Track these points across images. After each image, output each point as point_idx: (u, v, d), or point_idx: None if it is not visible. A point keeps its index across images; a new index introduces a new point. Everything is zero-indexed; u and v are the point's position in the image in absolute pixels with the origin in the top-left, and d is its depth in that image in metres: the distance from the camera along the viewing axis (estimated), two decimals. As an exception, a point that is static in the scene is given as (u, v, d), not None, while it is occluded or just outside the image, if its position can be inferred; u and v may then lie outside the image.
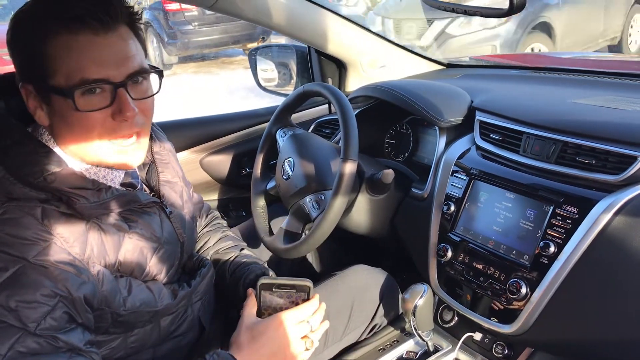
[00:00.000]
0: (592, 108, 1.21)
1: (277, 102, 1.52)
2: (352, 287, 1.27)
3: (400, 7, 5.47)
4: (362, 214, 1.32)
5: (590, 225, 0.97)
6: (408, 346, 1.25)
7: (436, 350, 1.22)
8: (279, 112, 1.44)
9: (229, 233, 1.26)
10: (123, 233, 0.86)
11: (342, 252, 1.59)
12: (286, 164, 1.33)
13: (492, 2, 1.18)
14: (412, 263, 1.33)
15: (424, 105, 1.33)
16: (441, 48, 4.98)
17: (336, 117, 1.25)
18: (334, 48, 1.72)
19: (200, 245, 1.21)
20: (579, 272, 0.97)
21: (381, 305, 1.28)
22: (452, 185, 1.23)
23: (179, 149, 1.67)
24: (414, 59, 1.87)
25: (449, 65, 1.91)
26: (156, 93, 0.87)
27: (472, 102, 1.35)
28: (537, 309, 1.02)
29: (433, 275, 1.23)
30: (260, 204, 1.42)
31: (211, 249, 1.20)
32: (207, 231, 1.24)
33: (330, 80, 1.84)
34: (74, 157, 0.85)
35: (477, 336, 1.20)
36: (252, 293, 1.00)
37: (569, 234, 0.99)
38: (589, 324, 0.99)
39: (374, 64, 1.79)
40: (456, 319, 1.26)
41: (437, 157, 1.31)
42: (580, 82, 1.51)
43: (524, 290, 1.03)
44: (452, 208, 1.21)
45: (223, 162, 1.75)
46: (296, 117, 1.64)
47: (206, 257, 1.09)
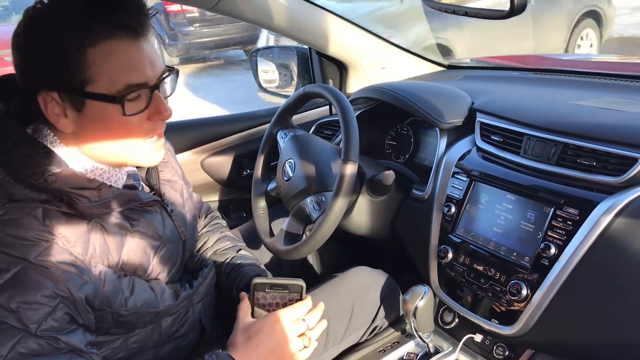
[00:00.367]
0: (593, 110, 1.21)
1: (278, 103, 1.52)
2: (352, 288, 1.27)
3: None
4: (362, 215, 1.32)
5: (591, 227, 0.97)
6: (409, 348, 1.25)
7: (437, 351, 1.22)
8: (280, 114, 1.44)
9: (227, 233, 1.26)
10: (125, 232, 0.87)
11: (342, 253, 1.59)
12: (287, 165, 1.33)
13: (493, 3, 1.18)
14: (413, 264, 1.33)
15: (425, 107, 1.33)
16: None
17: (337, 118, 1.25)
18: (334, 49, 1.73)
19: (200, 246, 1.21)
20: (580, 274, 0.97)
21: (382, 307, 1.28)
22: (452, 186, 1.23)
23: (180, 150, 1.67)
24: (414, 61, 1.87)
25: (450, 67, 1.92)
26: (173, 92, 0.90)
27: (473, 103, 1.35)
28: (538, 310, 1.02)
29: (434, 276, 1.23)
30: (261, 205, 1.42)
31: (209, 250, 1.20)
32: (206, 231, 1.25)
33: (331, 81, 1.84)
34: (95, 159, 0.86)
35: (478, 338, 1.20)
36: (246, 296, 1.00)
37: (570, 235, 0.99)
38: (590, 326, 0.99)
39: (375, 65, 1.80)
40: (457, 320, 1.26)
41: (438, 159, 1.31)
42: (581, 83, 1.51)
43: (524, 292, 1.03)
44: (453, 209, 1.21)
45: (224, 163, 1.75)
46: (297, 118, 1.64)
47: (207, 258, 1.09)
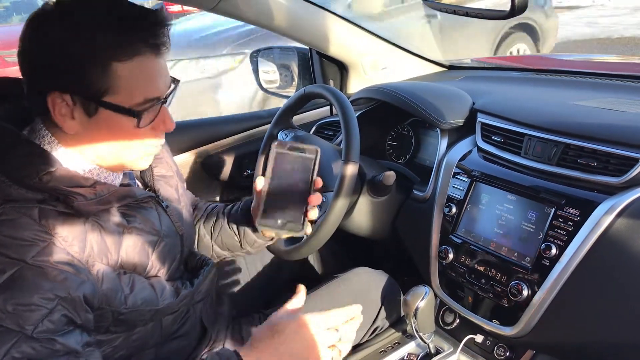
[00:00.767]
0: (594, 110, 1.21)
1: (279, 103, 1.52)
2: (353, 289, 1.27)
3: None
4: (363, 215, 1.32)
5: (592, 227, 0.96)
6: (409, 348, 1.25)
7: (437, 352, 1.22)
8: (281, 114, 1.44)
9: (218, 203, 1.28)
10: (122, 229, 0.87)
11: (343, 254, 1.59)
12: (288, 166, 1.32)
13: (494, 4, 1.18)
14: (414, 265, 1.33)
15: (426, 107, 1.33)
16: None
17: (338, 119, 1.25)
18: (335, 50, 1.73)
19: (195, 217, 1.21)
20: (581, 275, 0.97)
21: (383, 308, 1.28)
22: (453, 187, 1.23)
23: (181, 151, 1.67)
24: (415, 61, 1.87)
25: (451, 67, 1.91)
26: (170, 102, 0.91)
27: (474, 104, 1.35)
28: (539, 311, 1.02)
29: (434, 277, 1.23)
30: (261, 206, 1.42)
31: (202, 217, 1.21)
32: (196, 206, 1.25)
33: (331, 82, 1.84)
34: (90, 160, 0.86)
35: (479, 338, 1.20)
36: (301, 290, 0.97)
37: (571, 236, 0.99)
38: (591, 327, 0.99)
39: (376, 65, 1.79)
40: (457, 321, 1.26)
41: (439, 159, 1.31)
42: (582, 84, 1.51)
43: (525, 293, 1.03)
44: (454, 210, 1.21)
45: (225, 164, 1.75)
46: (298, 119, 1.64)
47: (208, 257, 1.09)
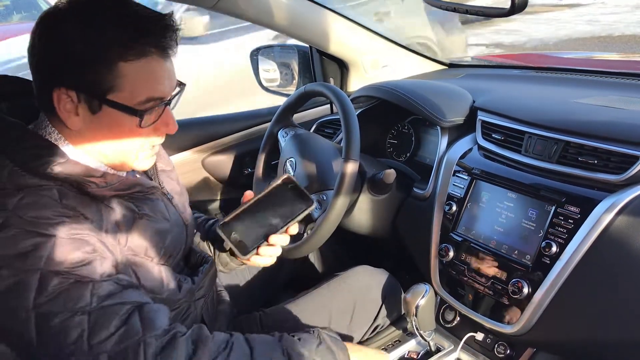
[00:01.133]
0: (595, 108, 1.20)
1: (279, 102, 1.52)
2: (354, 287, 1.27)
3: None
4: (363, 214, 1.32)
5: (592, 225, 0.96)
6: (410, 346, 1.25)
7: (438, 350, 1.22)
8: (281, 112, 1.44)
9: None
10: (134, 215, 0.90)
11: (344, 252, 1.59)
12: (288, 164, 1.33)
13: (494, 1, 1.17)
14: (414, 263, 1.33)
15: (426, 105, 1.33)
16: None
17: (338, 117, 1.25)
18: (335, 48, 1.72)
19: None
20: (581, 272, 0.97)
21: (383, 306, 1.28)
22: (453, 185, 1.23)
23: (181, 149, 1.68)
24: (415, 59, 1.87)
25: (451, 65, 1.91)
26: (174, 106, 0.92)
27: (474, 102, 1.35)
28: (539, 309, 1.02)
29: (435, 275, 1.23)
30: (262, 204, 1.42)
31: None
32: None
33: (332, 80, 1.84)
34: (94, 157, 0.88)
35: (479, 336, 1.20)
36: None
37: (571, 233, 0.99)
38: (591, 324, 0.99)
39: (376, 64, 1.79)
40: (458, 319, 1.26)
41: (439, 157, 1.31)
42: (582, 82, 1.51)
43: (525, 290, 1.03)
44: (454, 208, 1.21)
45: (225, 162, 1.75)
46: (298, 117, 1.64)
47: (208, 254, 1.09)
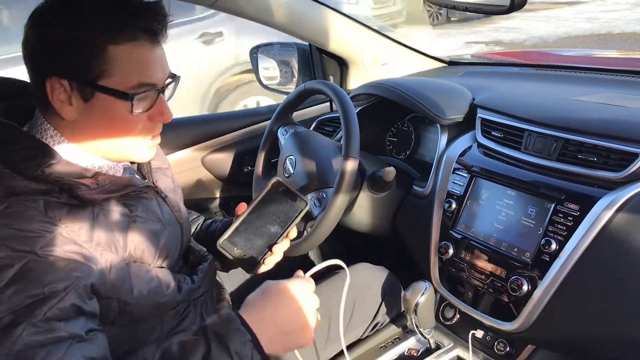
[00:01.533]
0: (594, 105, 1.20)
1: (279, 100, 1.52)
2: (354, 285, 1.27)
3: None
4: (363, 211, 1.32)
5: (592, 222, 0.97)
6: (410, 344, 1.25)
7: (438, 347, 1.22)
8: (281, 110, 1.44)
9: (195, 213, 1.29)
10: (127, 218, 0.88)
11: (343, 250, 1.59)
12: (288, 162, 1.33)
13: (493, -1, 1.17)
14: (414, 261, 1.33)
15: (426, 103, 1.33)
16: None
17: (338, 115, 1.25)
18: (335, 46, 1.72)
19: None
20: (581, 270, 0.97)
21: (383, 303, 1.28)
22: (453, 182, 1.23)
23: (181, 147, 1.68)
24: (415, 57, 1.87)
25: (451, 63, 1.91)
26: (171, 97, 0.92)
27: (474, 99, 1.35)
28: (539, 306, 1.02)
29: (434, 272, 1.23)
30: (262, 202, 1.42)
31: None
32: None
33: (331, 78, 1.84)
34: (92, 152, 0.88)
35: (479, 334, 1.20)
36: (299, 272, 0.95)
37: (571, 231, 0.99)
38: (591, 322, 0.99)
39: (376, 61, 1.79)
40: (458, 316, 1.26)
41: (439, 155, 1.31)
42: (582, 79, 1.51)
43: (525, 288, 1.03)
44: (454, 206, 1.21)
45: (225, 160, 1.75)
46: (298, 115, 1.64)
47: (207, 253, 1.09)
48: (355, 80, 1.79)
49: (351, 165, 1.15)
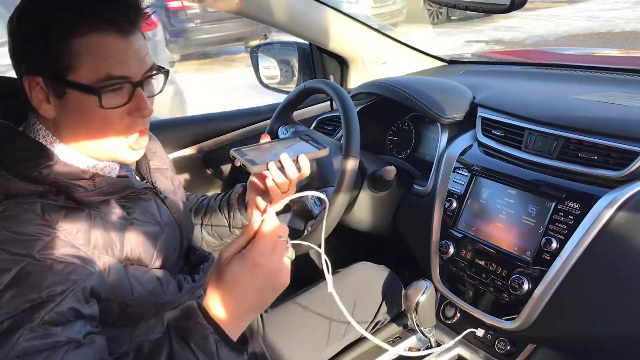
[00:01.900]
0: (595, 104, 1.20)
1: (279, 99, 1.52)
2: (354, 284, 1.28)
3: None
4: (364, 210, 1.32)
5: (593, 221, 0.97)
6: (410, 342, 1.25)
7: (438, 346, 1.22)
8: (281, 109, 1.44)
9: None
10: (124, 221, 0.87)
11: (344, 249, 1.60)
12: (288, 161, 1.32)
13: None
14: (415, 260, 1.33)
15: (426, 102, 1.33)
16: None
17: (338, 114, 1.25)
18: (335, 45, 1.72)
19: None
20: (581, 268, 0.98)
21: (384, 302, 1.28)
22: (454, 181, 1.23)
23: (182, 146, 1.68)
24: (415, 56, 1.87)
25: (451, 62, 1.91)
26: (160, 92, 0.89)
27: (474, 98, 1.35)
28: (539, 304, 1.02)
29: (435, 271, 1.23)
30: (262, 201, 1.42)
31: (193, 207, 1.22)
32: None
33: (332, 77, 1.84)
34: (80, 151, 0.86)
35: (480, 332, 1.21)
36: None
37: (571, 229, 0.99)
38: (591, 320, 0.99)
39: (376, 60, 1.79)
40: (458, 315, 1.26)
41: (439, 154, 1.31)
42: (582, 78, 1.51)
43: (526, 286, 1.03)
44: (454, 204, 1.21)
45: (226, 159, 1.75)
46: (298, 114, 1.64)
47: (208, 252, 1.09)
48: (356, 79, 1.79)
49: (351, 164, 1.15)
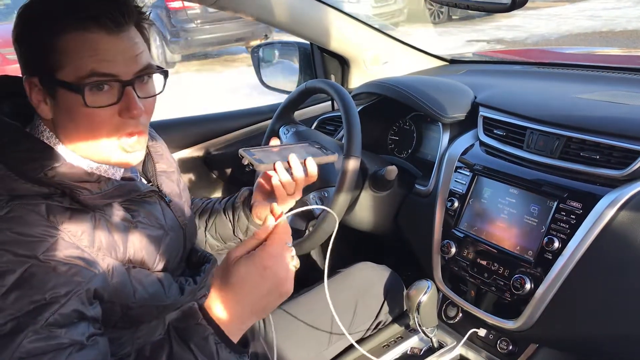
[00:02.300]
0: (596, 103, 1.20)
1: (280, 99, 1.52)
2: (356, 284, 1.28)
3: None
4: (365, 210, 1.32)
5: (595, 220, 0.96)
6: (412, 342, 1.25)
7: (440, 346, 1.22)
8: (282, 109, 1.44)
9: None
10: (128, 223, 0.87)
11: (346, 249, 1.59)
12: (289, 161, 1.32)
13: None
14: (416, 259, 1.33)
15: (427, 102, 1.33)
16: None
17: (339, 114, 1.25)
18: (336, 45, 1.72)
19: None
20: (583, 268, 0.97)
21: (385, 302, 1.28)
22: (455, 181, 1.23)
23: (183, 147, 1.68)
24: (416, 55, 1.87)
25: (452, 61, 1.91)
26: (160, 93, 0.88)
27: (476, 97, 1.35)
28: (541, 304, 1.02)
29: (437, 271, 1.23)
30: (263, 201, 1.42)
31: (198, 211, 1.22)
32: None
33: (333, 77, 1.84)
34: (79, 154, 0.86)
35: (482, 332, 1.20)
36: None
37: (573, 229, 0.99)
38: (593, 320, 0.99)
39: (377, 60, 1.79)
40: (460, 315, 1.26)
41: (441, 153, 1.31)
42: (584, 77, 1.51)
43: (528, 286, 1.03)
44: (456, 204, 1.20)
45: (227, 160, 1.75)
46: (299, 114, 1.64)
47: (209, 253, 1.09)
48: (357, 79, 1.79)
49: (353, 164, 1.15)
